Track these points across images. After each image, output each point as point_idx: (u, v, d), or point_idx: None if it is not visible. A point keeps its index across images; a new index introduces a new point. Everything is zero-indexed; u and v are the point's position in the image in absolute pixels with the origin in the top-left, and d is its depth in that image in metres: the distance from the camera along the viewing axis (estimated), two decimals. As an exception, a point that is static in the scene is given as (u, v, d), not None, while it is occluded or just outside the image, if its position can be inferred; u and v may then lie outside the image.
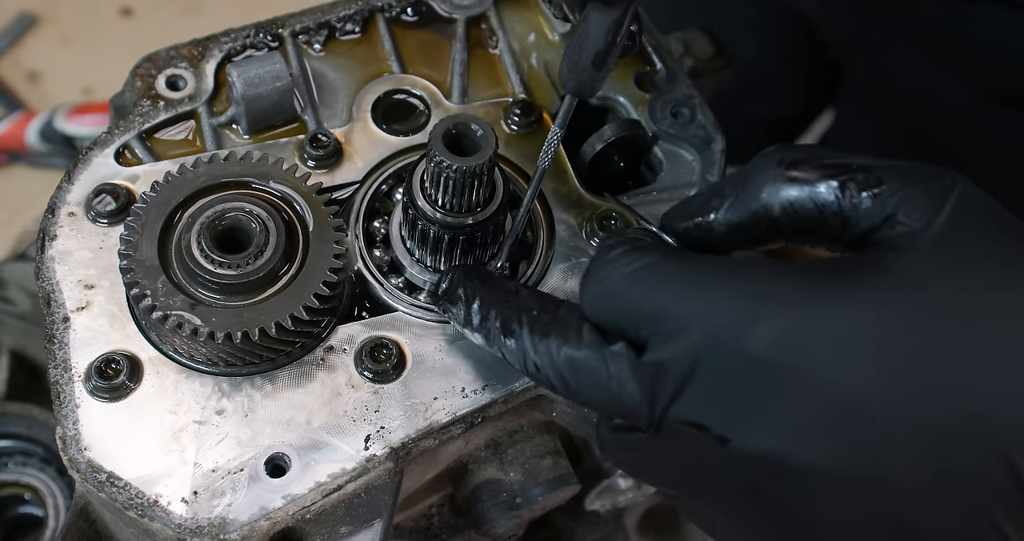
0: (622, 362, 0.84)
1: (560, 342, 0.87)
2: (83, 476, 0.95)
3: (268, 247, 0.97)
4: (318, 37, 1.21)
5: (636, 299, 0.85)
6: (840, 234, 0.85)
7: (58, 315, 1.01)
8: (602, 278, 0.87)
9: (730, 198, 0.89)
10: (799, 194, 0.85)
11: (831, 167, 0.85)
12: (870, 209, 0.83)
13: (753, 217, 0.88)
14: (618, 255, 0.87)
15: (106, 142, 1.11)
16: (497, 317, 0.92)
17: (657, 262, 0.86)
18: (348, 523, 0.98)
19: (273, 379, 1.00)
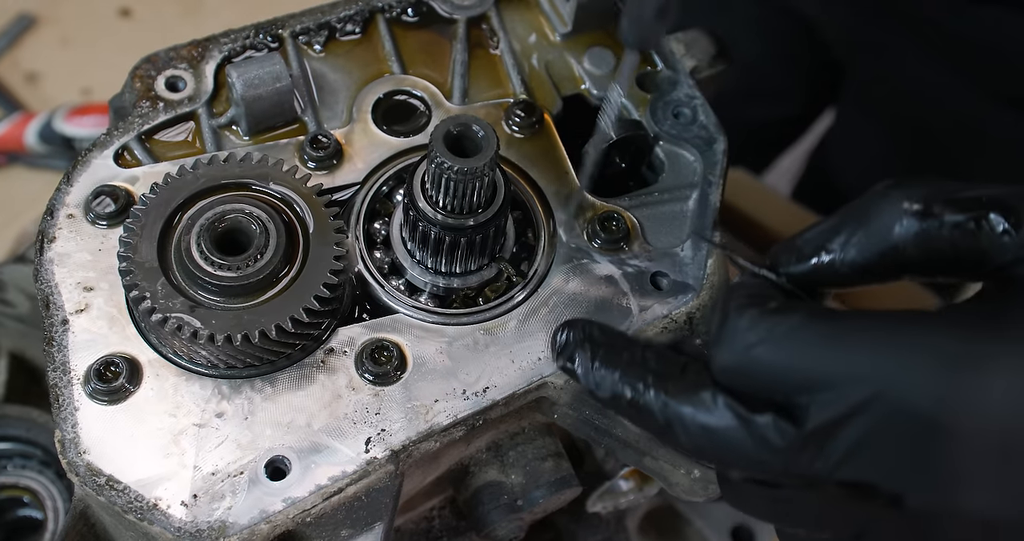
0: (771, 432, 0.80)
1: (692, 410, 0.84)
2: (82, 479, 0.94)
3: (268, 249, 0.97)
4: (318, 38, 1.20)
5: (785, 366, 0.80)
6: (975, 269, 0.82)
7: (57, 317, 1.00)
8: (740, 346, 0.82)
9: (855, 236, 0.85)
10: (932, 230, 0.82)
11: (962, 202, 0.82)
12: (1010, 244, 0.80)
13: (882, 255, 0.84)
14: (753, 321, 0.82)
15: (105, 143, 1.11)
16: (622, 377, 0.89)
17: (803, 325, 0.81)
18: (349, 526, 0.97)
19: (273, 381, 1.00)
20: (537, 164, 1.15)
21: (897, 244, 0.83)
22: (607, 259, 1.09)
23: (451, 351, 1.03)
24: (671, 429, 0.85)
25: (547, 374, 1.03)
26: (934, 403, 0.75)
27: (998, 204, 0.81)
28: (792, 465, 0.80)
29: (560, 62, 1.24)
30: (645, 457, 1.07)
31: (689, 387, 0.85)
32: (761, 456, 0.81)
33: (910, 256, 0.83)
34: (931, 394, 0.75)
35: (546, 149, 1.16)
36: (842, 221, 0.87)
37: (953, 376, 0.76)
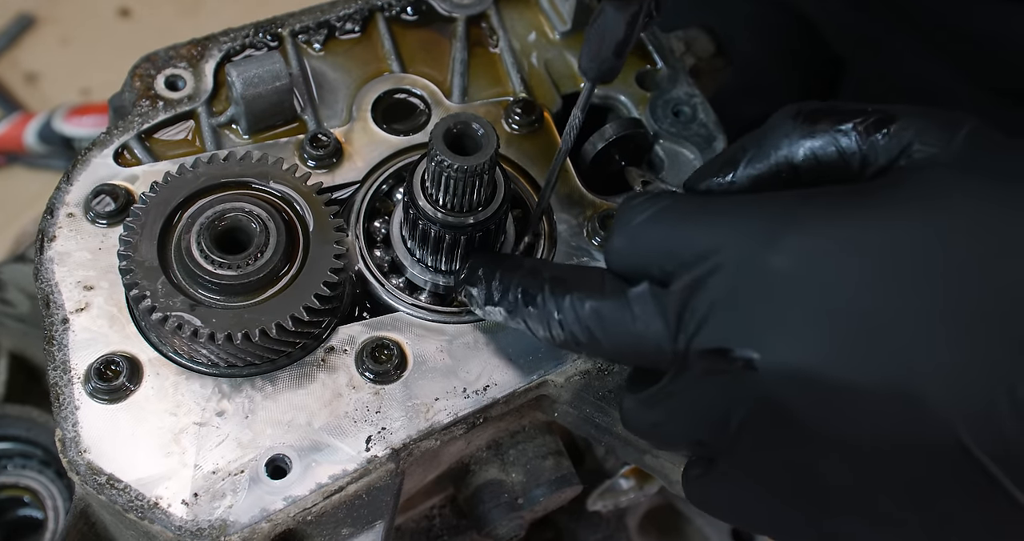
0: (645, 299, 0.84)
1: (583, 295, 0.88)
2: (83, 478, 0.94)
3: (268, 247, 0.97)
4: (318, 36, 1.20)
5: (658, 237, 0.86)
6: (860, 173, 0.87)
7: (57, 316, 1.00)
8: (624, 225, 0.88)
9: (750, 153, 0.91)
10: (819, 141, 0.88)
11: (846, 113, 0.87)
12: (887, 144, 0.85)
13: (775, 169, 0.90)
14: (640, 203, 0.88)
15: (105, 142, 1.11)
16: (518, 286, 0.93)
17: (678, 201, 0.88)
18: (349, 525, 0.97)
19: (273, 380, 1.00)
20: (537, 162, 1.15)
21: (788, 155, 0.89)
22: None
23: (451, 349, 1.03)
24: (564, 318, 0.88)
25: (547, 372, 1.03)
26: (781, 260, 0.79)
27: (877, 112, 0.86)
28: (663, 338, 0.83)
29: (560, 60, 1.24)
30: (645, 455, 1.07)
31: (582, 277, 0.90)
32: (637, 328, 0.84)
33: (799, 166, 0.89)
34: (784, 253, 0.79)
35: (546, 147, 1.17)
36: (745, 140, 0.93)
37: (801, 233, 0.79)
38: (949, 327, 0.75)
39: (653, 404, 0.90)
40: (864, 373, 0.76)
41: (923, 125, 0.84)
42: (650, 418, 0.91)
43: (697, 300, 0.82)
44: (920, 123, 0.84)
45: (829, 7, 2.09)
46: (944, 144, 0.83)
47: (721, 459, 0.89)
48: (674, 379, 0.87)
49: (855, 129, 0.86)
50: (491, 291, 0.95)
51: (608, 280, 0.88)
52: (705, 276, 0.81)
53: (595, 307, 0.87)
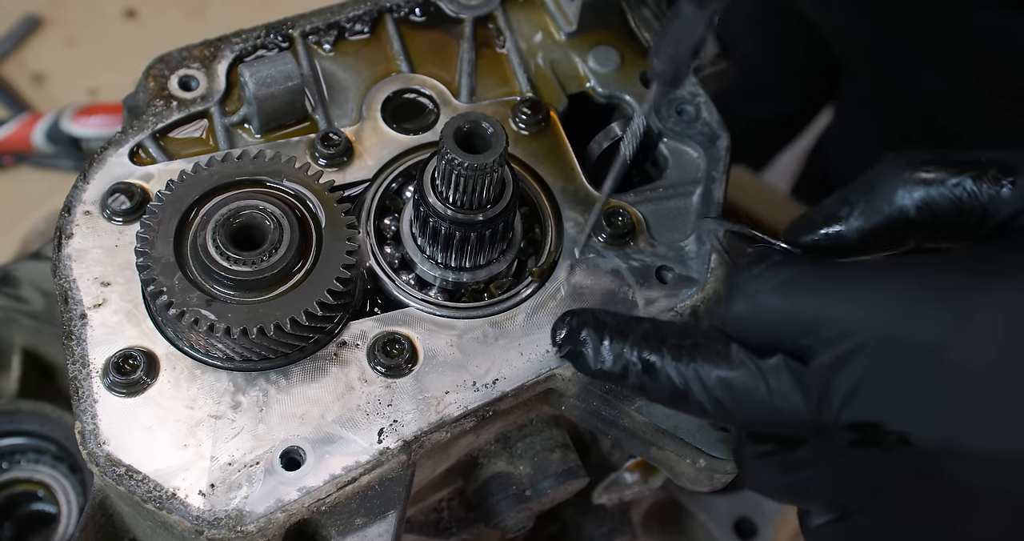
0: (782, 374, 0.83)
1: (709, 365, 0.86)
2: (102, 470, 0.96)
3: (282, 244, 0.99)
4: (328, 38, 1.22)
5: (790, 310, 0.84)
6: (979, 227, 0.85)
7: (75, 312, 1.03)
8: (749, 294, 0.86)
9: (859, 205, 0.89)
10: (934, 192, 0.85)
11: (961, 164, 0.86)
12: (1010, 197, 0.83)
13: (887, 221, 0.88)
14: (761, 271, 0.86)
15: (120, 142, 1.13)
16: (633, 350, 0.90)
17: (805, 271, 0.85)
18: (363, 515, 0.99)
19: (287, 374, 1.02)
20: (544, 161, 1.18)
21: (901, 208, 0.87)
22: (613, 253, 1.12)
23: (461, 344, 1.05)
24: (688, 387, 0.87)
25: (555, 366, 1.05)
26: (930, 336, 0.78)
27: (996, 162, 0.85)
28: (802, 411, 0.82)
29: (565, 61, 1.26)
30: (651, 447, 1.09)
31: (703, 345, 0.88)
32: (774, 402, 0.84)
33: (914, 220, 0.87)
34: (927, 327, 0.78)
35: (552, 146, 1.19)
36: (849, 192, 0.90)
37: (949, 309, 0.78)
38: None
39: (791, 468, 0.89)
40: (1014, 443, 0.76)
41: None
42: (785, 481, 0.90)
43: (843, 376, 0.81)
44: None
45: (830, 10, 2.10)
46: None
47: (857, 515, 0.88)
48: (816, 448, 0.86)
49: (975, 181, 0.84)
50: (601, 354, 0.93)
51: (735, 351, 0.86)
52: (849, 353, 0.80)
53: (724, 378, 0.86)
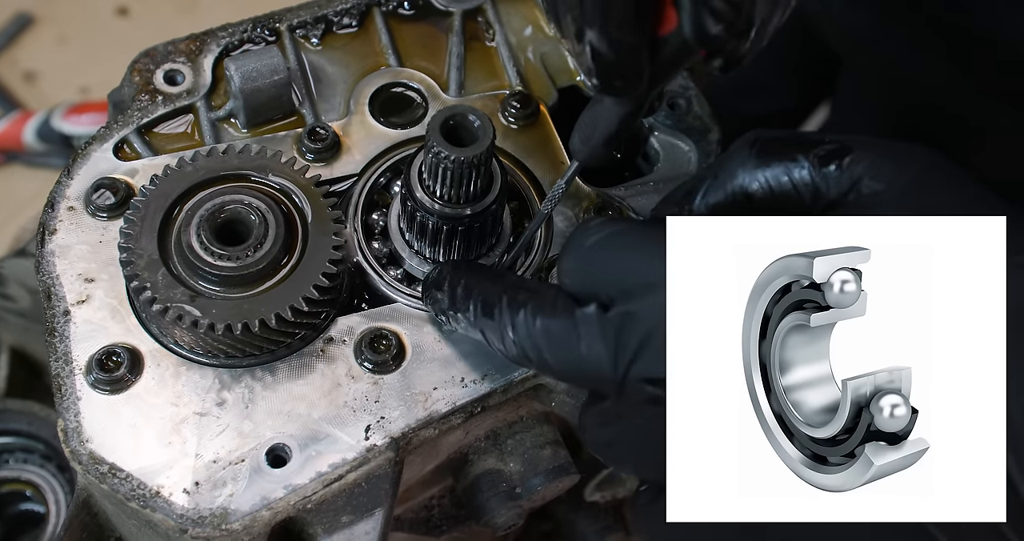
0: (591, 321, 0.85)
1: (536, 312, 0.89)
2: (85, 468, 0.95)
3: (267, 239, 0.98)
4: (315, 31, 1.21)
5: (606, 262, 0.87)
6: (813, 205, 0.88)
7: (59, 308, 1.01)
8: (575, 245, 0.90)
9: (708, 182, 0.93)
10: (773, 172, 0.89)
11: (803, 143, 0.89)
12: (838, 177, 0.86)
13: (731, 198, 0.92)
14: (594, 225, 0.90)
15: (105, 137, 1.12)
16: (479, 297, 0.94)
17: (627, 229, 0.89)
18: (349, 512, 0.98)
19: (273, 370, 1.01)
20: (533, 155, 1.17)
21: (743, 185, 0.91)
22: (603, 248, 1.10)
23: (449, 340, 1.04)
24: (516, 334, 0.89)
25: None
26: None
27: (832, 143, 0.88)
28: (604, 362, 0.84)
29: (555, 54, 1.25)
30: (642, 443, 1.08)
31: (538, 294, 0.91)
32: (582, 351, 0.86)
33: (755, 197, 0.90)
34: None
35: (542, 140, 1.18)
36: (704, 170, 0.96)
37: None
38: None
39: (605, 423, 0.91)
40: None
41: (876, 159, 0.85)
42: (603, 437, 0.92)
43: (634, 329, 0.83)
44: (873, 157, 0.85)
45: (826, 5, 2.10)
46: (892, 180, 0.84)
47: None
48: (616, 403, 0.88)
49: (809, 160, 0.87)
50: (455, 297, 0.96)
51: (561, 299, 0.89)
52: (645, 308, 0.83)
53: (545, 324, 0.88)
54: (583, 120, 0.99)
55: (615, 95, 0.93)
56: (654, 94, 0.95)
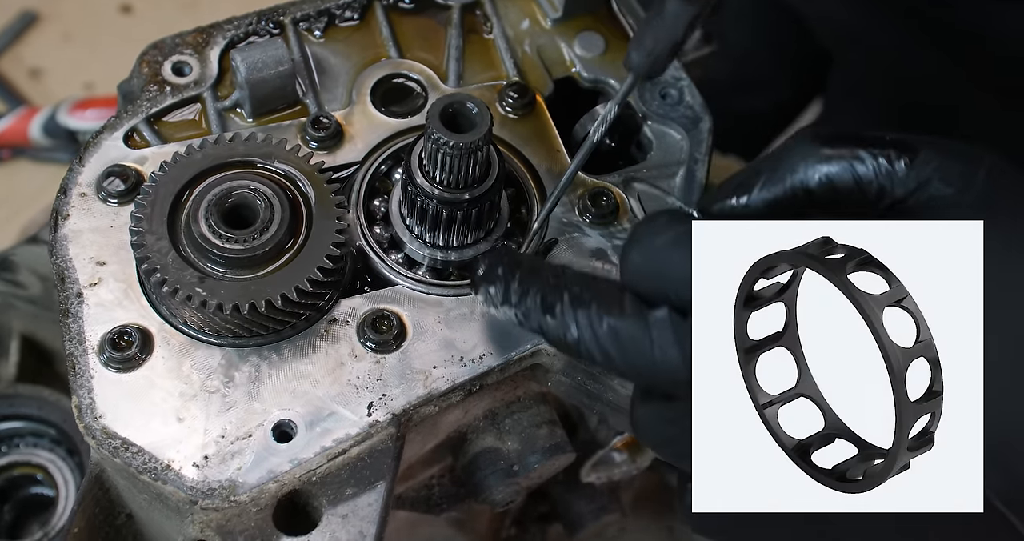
0: (664, 327, 0.84)
1: (602, 313, 0.87)
2: (98, 443, 0.99)
3: (273, 223, 1.01)
4: (318, 24, 1.25)
5: (679, 262, 0.85)
6: (876, 203, 0.88)
7: (72, 290, 1.05)
8: (644, 245, 0.88)
9: (764, 176, 0.91)
10: (836, 167, 0.88)
11: (865, 140, 0.88)
12: (905, 176, 0.86)
13: (790, 192, 0.90)
14: (661, 224, 0.88)
15: (115, 126, 1.15)
16: (537, 293, 0.91)
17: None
18: (353, 485, 1.02)
19: (279, 350, 1.04)
20: (530, 143, 1.20)
21: (803, 180, 0.89)
22: (597, 233, 1.14)
23: (448, 320, 1.08)
24: (581, 333, 0.88)
25: (541, 341, 1.07)
26: None
27: (897, 142, 0.87)
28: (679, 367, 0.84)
29: (552, 46, 1.28)
30: (635, 421, 1.11)
31: (602, 293, 0.89)
32: (655, 354, 0.84)
33: (815, 193, 0.89)
34: None
35: (538, 129, 1.21)
36: (760, 163, 0.93)
37: None
38: None
39: (670, 421, 0.90)
40: None
41: (944, 161, 0.85)
42: (665, 433, 0.92)
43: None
44: (940, 158, 0.85)
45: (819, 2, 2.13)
46: (965, 183, 0.83)
47: None
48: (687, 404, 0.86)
49: (874, 158, 0.87)
50: (509, 293, 0.93)
51: (628, 300, 0.87)
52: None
53: (613, 326, 0.86)
54: (642, 33, 0.98)
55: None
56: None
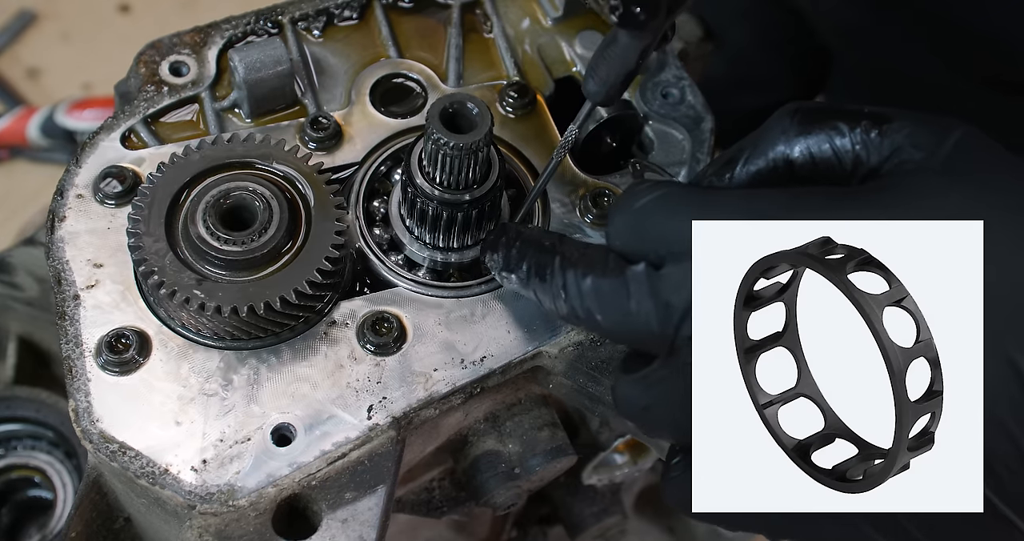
0: (640, 279, 0.88)
1: (586, 271, 0.92)
2: (96, 447, 0.98)
3: (272, 224, 1.00)
4: (317, 23, 1.24)
5: (657, 223, 0.90)
6: (854, 171, 0.90)
7: (68, 293, 1.04)
8: (626, 206, 0.92)
9: (748, 150, 0.94)
10: (814, 140, 0.90)
11: (843, 113, 0.90)
12: (879, 144, 0.88)
13: (772, 166, 0.93)
14: (644, 188, 0.93)
15: (112, 127, 1.14)
16: (532, 257, 0.97)
17: (676, 192, 0.92)
18: (353, 489, 1.01)
19: (278, 353, 1.03)
20: (530, 144, 1.19)
21: (785, 153, 0.92)
22: (598, 233, 1.13)
23: (449, 322, 1.07)
24: (567, 291, 0.93)
25: (542, 343, 1.06)
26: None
27: (872, 113, 0.89)
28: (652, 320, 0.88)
29: (552, 45, 1.27)
30: (637, 424, 1.10)
31: (589, 254, 0.94)
32: (631, 307, 0.89)
33: (795, 164, 0.92)
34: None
35: (539, 129, 1.20)
36: (746, 139, 0.96)
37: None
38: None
39: (645, 386, 0.93)
40: None
41: (915, 128, 0.87)
42: (641, 401, 0.93)
43: (684, 286, 0.86)
44: (912, 126, 0.87)
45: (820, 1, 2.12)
46: (933, 148, 0.85)
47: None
48: (664, 363, 0.90)
49: (850, 129, 0.89)
50: (509, 258, 1.00)
51: (611, 259, 0.92)
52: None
53: (595, 283, 0.91)
54: (596, 63, 1.02)
55: (635, 27, 0.96)
56: (668, 23, 0.97)
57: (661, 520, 1.79)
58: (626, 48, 0.98)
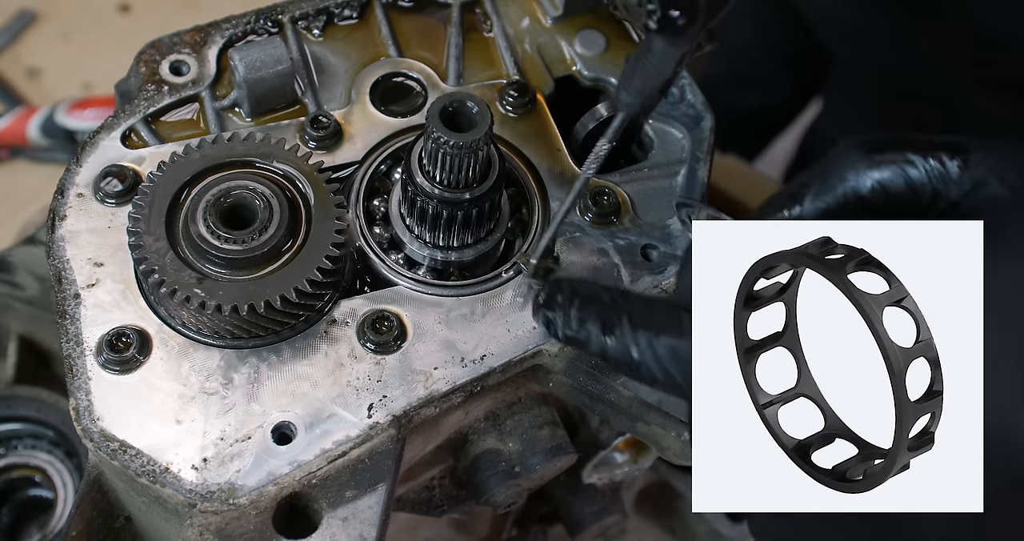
0: None
1: (660, 332, 0.89)
2: (96, 445, 0.98)
3: (272, 223, 1.00)
4: (317, 23, 1.24)
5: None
6: (931, 206, 0.86)
7: (69, 292, 1.04)
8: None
9: (815, 186, 0.90)
10: (887, 173, 0.86)
11: (914, 144, 0.87)
12: (960, 178, 0.84)
13: (842, 201, 0.89)
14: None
15: (112, 126, 1.15)
16: (597, 317, 0.93)
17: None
18: (353, 487, 1.01)
19: (278, 351, 1.03)
20: (530, 142, 1.19)
21: (855, 187, 0.88)
22: (599, 232, 1.13)
23: (449, 321, 1.07)
24: (642, 355, 0.90)
25: (542, 342, 1.06)
26: None
27: (948, 143, 0.86)
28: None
29: (552, 45, 1.27)
30: (638, 422, 1.10)
31: (660, 314, 0.91)
32: None
33: (867, 199, 0.88)
34: None
35: (539, 128, 1.20)
36: (808, 174, 0.92)
37: None
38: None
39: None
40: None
41: (997, 161, 0.83)
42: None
43: None
44: (994, 158, 0.84)
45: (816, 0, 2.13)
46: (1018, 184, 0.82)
47: None
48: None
49: (925, 161, 0.85)
50: (569, 319, 0.96)
51: (685, 319, 0.88)
52: None
53: (671, 345, 0.88)
54: (630, 72, 0.98)
55: (673, 33, 0.92)
56: (704, 32, 0.93)
57: (661, 519, 1.79)
58: (663, 56, 0.95)
